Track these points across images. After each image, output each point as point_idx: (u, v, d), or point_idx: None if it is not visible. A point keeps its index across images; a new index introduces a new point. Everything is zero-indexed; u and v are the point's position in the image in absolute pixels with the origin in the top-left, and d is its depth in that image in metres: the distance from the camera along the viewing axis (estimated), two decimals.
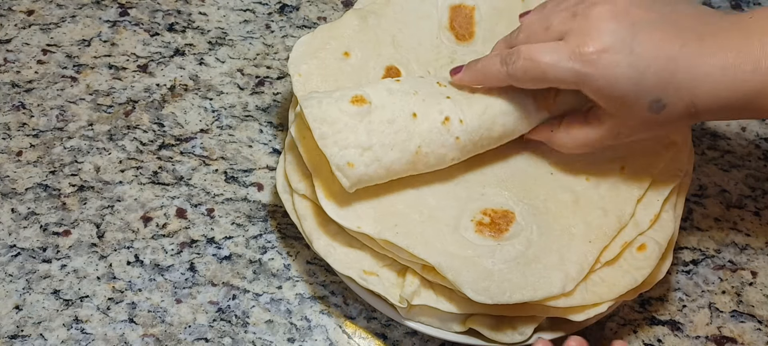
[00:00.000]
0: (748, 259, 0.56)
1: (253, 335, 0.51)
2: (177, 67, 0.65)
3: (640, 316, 0.53)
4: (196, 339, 0.51)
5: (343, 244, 0.50)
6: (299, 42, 0.56)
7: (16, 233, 0.55)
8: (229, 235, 0.56)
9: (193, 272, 0.54)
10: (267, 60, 0.66)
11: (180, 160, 0.59)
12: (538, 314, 0.48)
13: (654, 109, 0.45)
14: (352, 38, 0.57)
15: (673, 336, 0.53)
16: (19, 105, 0.62)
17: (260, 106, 0.63)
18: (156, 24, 0.67)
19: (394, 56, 0.57)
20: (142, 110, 0.62)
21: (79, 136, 0.60)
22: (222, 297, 0.53)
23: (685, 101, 0.44)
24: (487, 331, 0.48)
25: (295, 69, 0.54)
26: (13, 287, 0.52)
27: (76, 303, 0.52)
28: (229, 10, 0.69)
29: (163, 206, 0.57)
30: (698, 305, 0.54)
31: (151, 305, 0.52)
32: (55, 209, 0.56)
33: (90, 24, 0.67)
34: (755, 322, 0.53)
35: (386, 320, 0.53)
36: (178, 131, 0.61)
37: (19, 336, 0.50)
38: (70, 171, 0.58)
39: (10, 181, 0.58)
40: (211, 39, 0.67)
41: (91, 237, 0.55)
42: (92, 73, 0.64)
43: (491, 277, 0.47)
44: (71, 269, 0.53)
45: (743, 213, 0.59)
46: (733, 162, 0.62)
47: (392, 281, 0.49)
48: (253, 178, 0.59)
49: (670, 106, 0.44)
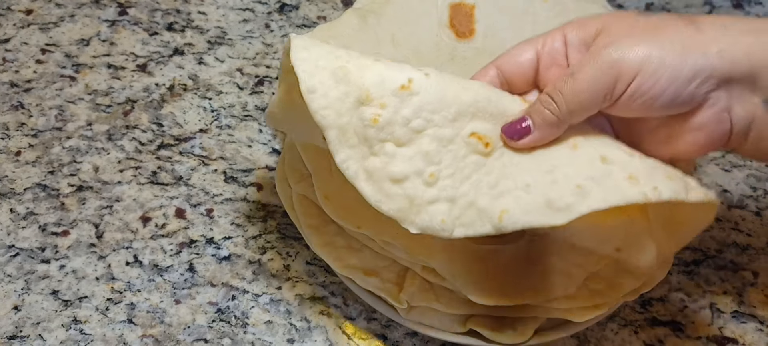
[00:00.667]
0: (749, 259, 0.56)
1: (253, 336, 0.51)
2: (176, 67, 0.65)
3: (641, 316, 0.53)
4: (195, 340, 0.51)
5: (343, 244, 0.50)
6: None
7: (14, 233, 0.55)
8: (228, 235, 0.56)
9: (192, 273, 0.54)
10: (266, 59, 0.66)
11: (179, 160, 0.59)
12: (539, 315, 0.48)
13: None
14: (352, 37, 0.57)
15: (674, 337, 0.52)
16: (18, 105, 0.62)
17: (260, 105, 0.63)
18: (155, 23, 0.67)
19: (394, 55, 0.57)
20: (141, 110, 0.62)
21: (78, 136, 0.60)
22: (221, 298, 0.53)
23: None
24: (487, 332, 0.48)
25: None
26: (11, 287, 0.52)
27: (74, 304, 0.52)
28: (228, 10, 0.68)
29: (162, 206, 0.57)
30: (699, 306, 0.54)
31: (150, 305, 0.52)
32: (53, 209, 0.56)
33: (89, 23, 0.67)
34: (757, 322, 0.53)
35: (386, 321, 0.52)
36: (177, 131, 0.61)
37: (17, 337, 0.50)
38: (69, 171, 0.58)
39: (8, 181, 0.57)
40: (211, 38, 0.67)
41: (90, 237, 0.55)
42: (91, 72, 0.64)
43: (492, 277, 0.47)
44: (70, 270, 0.53)
45: (744, 213, 0.59)
46: (735, 162, 0.61)
47: (392, 281, 0.49)
48: (253, 178, 0.59)
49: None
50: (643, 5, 0.72)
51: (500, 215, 0.39)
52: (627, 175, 0.39)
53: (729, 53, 0.38)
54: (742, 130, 0.40)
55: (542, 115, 0.41)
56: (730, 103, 0.40)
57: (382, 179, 0.40)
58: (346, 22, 0.58)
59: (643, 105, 0.40)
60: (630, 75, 0.39)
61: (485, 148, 0.41)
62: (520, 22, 0.61)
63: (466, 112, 0.41)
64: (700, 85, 0.39)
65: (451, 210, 0.40)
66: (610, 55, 0.39)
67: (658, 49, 0.39)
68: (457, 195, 0.40)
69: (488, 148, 0.41)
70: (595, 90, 0.40)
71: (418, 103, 0.40)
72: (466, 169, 0.40)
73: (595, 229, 0.42)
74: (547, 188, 0.39)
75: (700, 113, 0.40)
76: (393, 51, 0.57)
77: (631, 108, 0.40)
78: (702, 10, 0.72)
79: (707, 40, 0.39)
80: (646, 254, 0.42)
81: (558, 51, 0.43)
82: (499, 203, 0.39)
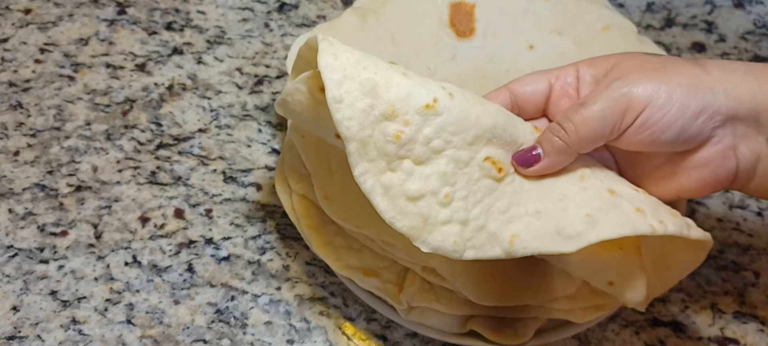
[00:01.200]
0: (750, 260, 0.56)
1: (252, 337, 0.51)
2: (175, 66, 0.64)
3: (642, 317, 0.53)
4: (195, 341, 0.50)
5: (343, 244, 0.50)
6: (298, 41, 0.56)
7: (13, 234, 0.55)
8: (227, 235, 0.55)
9: (191, 273, 0.53)
10: (266, 59, 0.65)
11: (178, 160, 0.59)
12: (540, 315, 0.48)
13: None
14: (352, 36, 0.57)
15: (675, 337, 0.52)
16: (17, 104, 0.61)
17: (259, 105, 0.63)
18: (154, 23, 0.67)
19: (393, 54, 0.57)
20: (140, 110, 0.62)
21: (77, 136, 0.60)
22: (220, 298, 0.52)
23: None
24: (487, 332, 0.48)
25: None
26: (10, 287, 0.52)
27: (73, 304, 0.52)
28: (227, 9, 0.68)
29: (161, 206, 0.57)
30: (701, 306, 0.54)
31: (149, 306, 0.52)
32: (52, 209, 0.56)
33: (87, 23, 0.67)
34: (758, 323, 0.53)
35: (386, 322, 0.52)
36: (176, 131, 0.61)
37: (16, 337, 0.50)
38: (68, 171, 0.58)
39: (7, 181, 0.57)
40: (210, 38, 0.66)
41: (89, 238, 0.55)
42: (90, 72, 0.64)
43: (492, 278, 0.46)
44: (69, 270, 0.53)
45: (746, 214, 0.58)
46: None
47: (392, 281, 0.49)
48: (252, 178, 0.59)
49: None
50: (644, 5, 0.72)
51: (511, 239, 0.40)
52: (634, 207, 0.40)
53: (734, 92, 0.40)
54: (748, 168, 0.41)
55: (552, 143, 0.42)
56: (735, 141, 0.41)
57: (398, 195, 0.40)
58: (345, 21, 0.58)
59: (649, 137, 0.41)
60: (639, 107, 0.40)
61: (498, 173, 0.41)
62: (520, 22, 0.61)
63: (483, 136, 0.41)
64: (706, 121, 0.40)
65: (463, 232, 0.40)
66: (620, 88, 0.41)
67: (666, 84, 0.40)
68: (469, 218, 0.40)
69: (501, 173, 0.41)
70: (604, 120, 0.41)
71: (440, 123, 0.40)
72: (479, 193, 0.41)
73: (590, 261, 0.43)
74: (557, 216, 0.40)
75: (706, 149, 0.41)
76: (393, 50, 0.57)
77: (638, 140, 0.41)
78: (702, 10, 0.72)
79: (713, 79, 0.40)
80: (636, 291, 0.43)
81: (570, 85, 0.45)
82: (509, 228, 0.40)
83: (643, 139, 0.41)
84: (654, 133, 0.40)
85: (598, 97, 0.41)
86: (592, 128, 0.41)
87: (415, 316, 0.49)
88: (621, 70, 0.42)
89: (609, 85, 0.41)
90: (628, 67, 0.42)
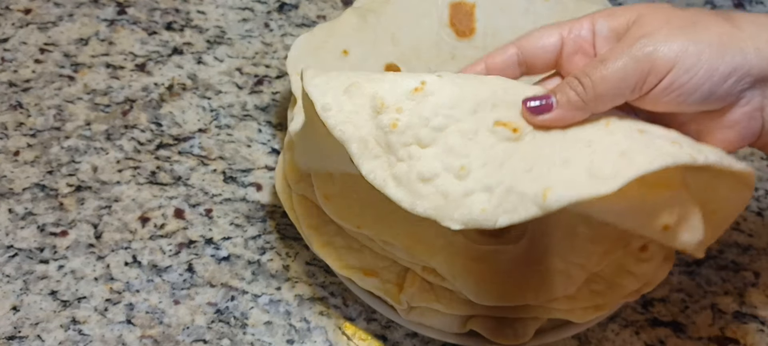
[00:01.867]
0: (750, 259, 0.56)
1: (252, 337, 0.51)
2: (175, 66, 0.64)
3: (642, 317, 0.53)
4: (195, 341, 0.50)
5: (343, 244, 0.50)
6: (298, 40, 0.56)
7: (13, 234, 0.55)
8: (227, 235, 0.55)
9: (191, 273, 0.53)
10: (266, 59, 0.65)
11: (178, 160, 0.59)
12: (540, 315, 0.48)
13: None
14: (351, 36, 0.57)
15: (675, 337, 0.52)
16: (17, 104, 0.61)
17: (259, 105, 0.63)
18: (154, 23, 0.67)
19: (393, 53, 0.57)
20: (140, 110, 0.62)
21: (77, 136, 0.60)
22: (220, 298, 0.52)
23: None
24: (487, 332, 0.48)
25: (293, 68, 0.54)
26: (10, 288, 0.52)
27: (73, 304, 0.52)
28: (227, 9, 0.68)
29: (161, 206, 0.57)
30: (701, 306, 0.54)
31: (149, 306, 0.52)
32: (52, 209, 0.56)
33: (87, 23, 0.67)
34: (758, 323, 0.53)
35: (386, 322, 0.52)
36: (176, 131, 0.61)
37: (16, 337, 0.50)
38: (68, 171, 0.58)
39: (7, 181, 0.57)
40: (210, 38, 0.66)
41: (89, 238, 0.55)
42: (90, 72, 0.64)
43: (492, 278, 0.46)
44: (69, 270, 0.53)
45: (746, 213, 0.58)
46: None
47: (392, 281, 0.49)
48: (252, 178, 0.58)
49: None
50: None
51: (544, 193, 0.36)
52: (670, 141, 0.37)
53: (766, 52, 0.38)
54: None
55: (567, 96, 0.39)
56: (764, 102, 0.39)
57: (411, 180, 0.39)
58: (345, 21, 0.58)
59: (675, 100, 0.39)
60: (664, 69, 0.38)
61: (513, 133, 0.39)
62: (520, 22, 0.61)
63: (486, 103, 0.40)
64: (735, 83, 0.38)
65: (490, 199, 0.38)
66: (645, 47, 0.38)
67: (694, 44, 0.38)
68: (492, 183, 0.38)
69: (516, 133, 0.39)
70: (625, 80, 0.39)
71: (434, 102, 0.39)
72: (498, 158, 0.39)
73: (638, 205, 0.39)
74: (588, 160, 0.37)
75: (733, 111, 0.39)
76: (393, 50, 0.57)
77: (663, 102, 0.39)
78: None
79: (745, 37, 0.38)
80: (695, 230, 0.39)
81: (584, 39, 0.42)
82: (540, 184, 0.37)
83: (667, 101, 0.39)
84: (680, 96, 0.38)
85: (621, 54, 0.38)
86: (611, 87, 0.38)
87: (415, 316, 0.49)
88: (645, 26, 0.39)
89: (633, 44, 0.38)
90: (654, 23, 0.39)
